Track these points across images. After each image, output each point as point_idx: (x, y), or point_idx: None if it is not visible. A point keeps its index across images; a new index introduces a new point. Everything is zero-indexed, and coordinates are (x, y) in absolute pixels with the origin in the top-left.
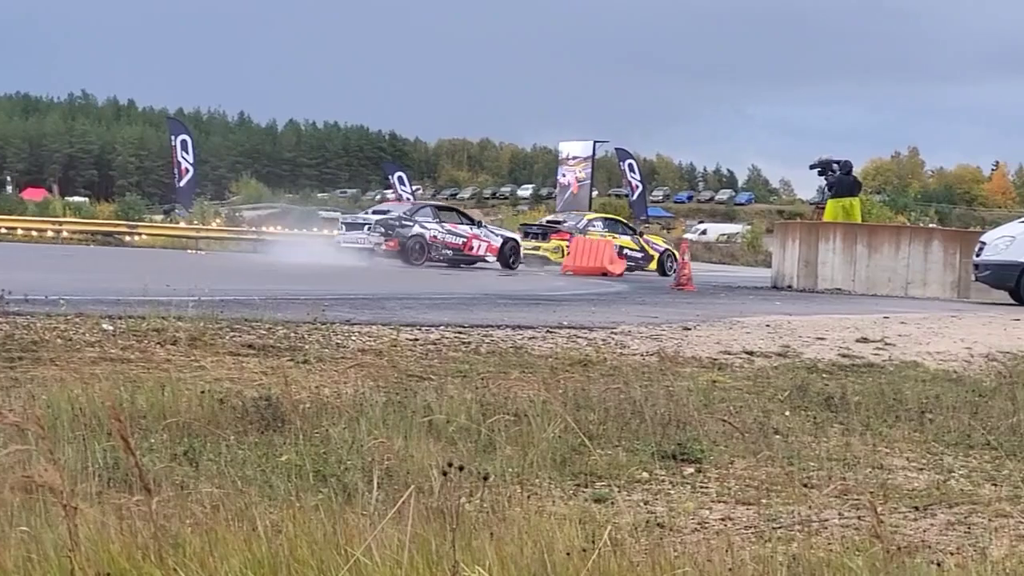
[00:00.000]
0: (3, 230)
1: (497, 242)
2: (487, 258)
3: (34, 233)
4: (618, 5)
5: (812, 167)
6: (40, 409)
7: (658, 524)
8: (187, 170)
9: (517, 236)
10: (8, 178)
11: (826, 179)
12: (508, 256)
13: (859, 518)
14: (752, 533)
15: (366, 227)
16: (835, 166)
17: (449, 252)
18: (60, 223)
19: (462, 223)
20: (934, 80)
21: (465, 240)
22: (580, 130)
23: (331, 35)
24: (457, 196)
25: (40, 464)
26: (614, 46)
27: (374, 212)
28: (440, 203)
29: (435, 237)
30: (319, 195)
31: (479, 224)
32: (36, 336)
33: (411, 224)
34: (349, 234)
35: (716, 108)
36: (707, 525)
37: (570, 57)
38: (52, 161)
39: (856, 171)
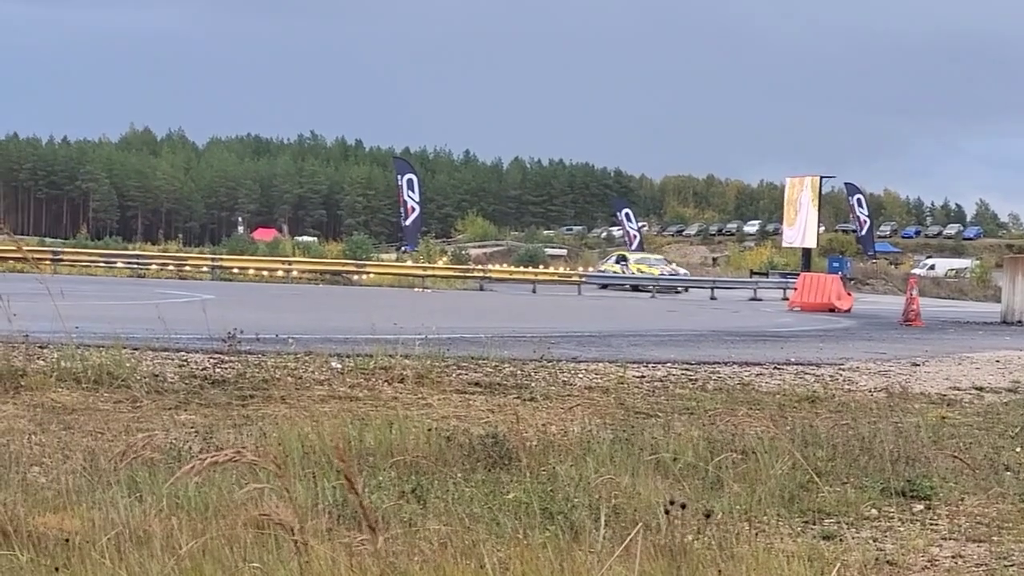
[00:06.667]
0: (235, 270)
1: None
2: None
3: (265, 273)
4: (832, 43)
5: None
6: (272, 447)
7: (888, 562)
8: (413, 209)
9: None
10: (240, 219)
11: None
12: None
13: None
14: (983, 571)
15: None
16: None
17: None
18: (290, 263)
19: None
20: None
21: None
22: (803, 165)
23: (555, 74)
24: (683, 232)
25: (272, 501)
26: (831, 82)
27: None
28: None
29: None
30: (545, 232)
31: None
32: (267, 374)
33: None
34: None
35: (934, 142)
36: (937, 563)
37: (790, 93)
38: (282, 201)
39: None
